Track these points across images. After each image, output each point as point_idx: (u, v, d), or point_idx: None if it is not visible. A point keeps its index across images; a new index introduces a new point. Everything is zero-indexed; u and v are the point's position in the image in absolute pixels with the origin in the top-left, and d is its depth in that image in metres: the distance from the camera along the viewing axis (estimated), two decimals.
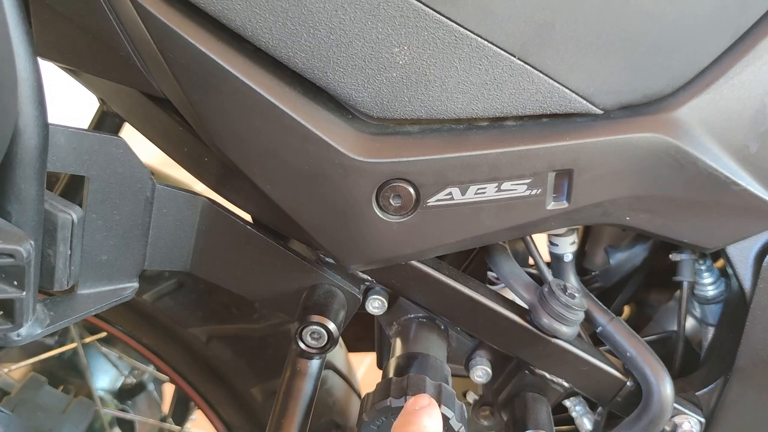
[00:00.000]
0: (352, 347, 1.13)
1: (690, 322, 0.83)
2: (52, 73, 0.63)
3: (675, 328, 0.87)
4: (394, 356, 0.67)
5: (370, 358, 1.68)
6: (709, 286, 0.75)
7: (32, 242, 0.50)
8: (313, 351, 0.63)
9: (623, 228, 0.74)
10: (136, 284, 0.63)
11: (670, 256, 0.75)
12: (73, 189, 0.72)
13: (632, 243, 0.82)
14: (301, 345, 0.63)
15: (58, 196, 0.56)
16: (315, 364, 0.65)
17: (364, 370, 1.67)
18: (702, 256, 0.74)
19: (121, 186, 0.58)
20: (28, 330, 0.56)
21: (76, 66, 0.66)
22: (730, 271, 0.71)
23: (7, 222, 0.50)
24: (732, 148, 0.63)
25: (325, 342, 0.63)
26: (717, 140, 0.63)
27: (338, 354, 1.04)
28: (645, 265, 0.82)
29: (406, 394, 0.59)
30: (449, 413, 0.59)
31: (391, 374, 0.64)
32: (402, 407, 0.58)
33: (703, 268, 0.75)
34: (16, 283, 0.51)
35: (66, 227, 0.55)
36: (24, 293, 0.51)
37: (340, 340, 1.07)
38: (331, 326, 0.62)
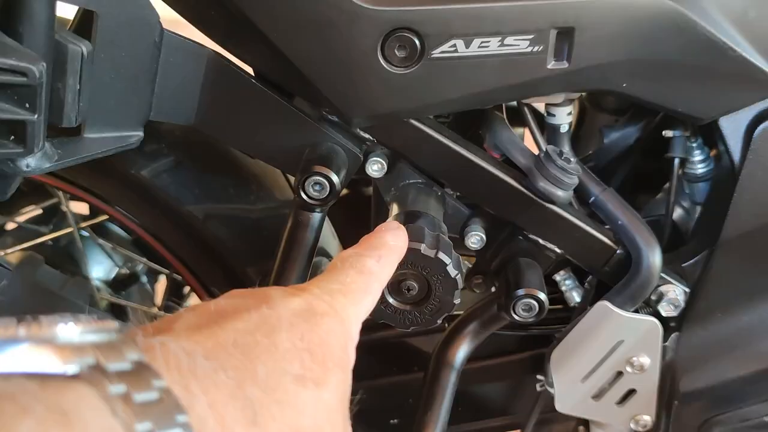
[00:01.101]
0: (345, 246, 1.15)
1: (677, 210, 0.86)
2: None
3: (663, 212, 0.89)
4: (392, 215, 0.69)
5: None
6: (699, 163, 0.77)
7: (44, 64, 0.50)
8: (315, 202, 0.65)
9: (618, 96, 0.75)
10: (141, 133, 0.64)
11: (663, 132, 0.76)
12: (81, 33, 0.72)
13: (626, 123, 0.83)
14: (304, 196, 0.64)
15: (68, 30, 0.56)
16: (316, 216, 0.67)
17: None
18: (693, 133, 0.76)
19: (130, 26, 0.58)
20: (38, 162, 0.57)
21: None
22: (720, 146, 0.73)
23: (18, 44, 0.51)
24: (731, 13, 0.64)
25: (327, 193, 0.64)
26: (717, 5, 0.64)
27: (331, 244, 1.05)
28: (637, 145, 0.83)
29: None
30: (446, 259, 0.61)
31: None
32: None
33: (694, 145, 0.77)
34: (27, 105, 0.51)
35: (75, 59, 0.55)
36: (35, 116, 0.52)
37: (334, 231, 1.09)
38: (334, 177, 0.64)
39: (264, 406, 0.35)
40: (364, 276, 0.49)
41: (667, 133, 0.76)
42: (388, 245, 0.54)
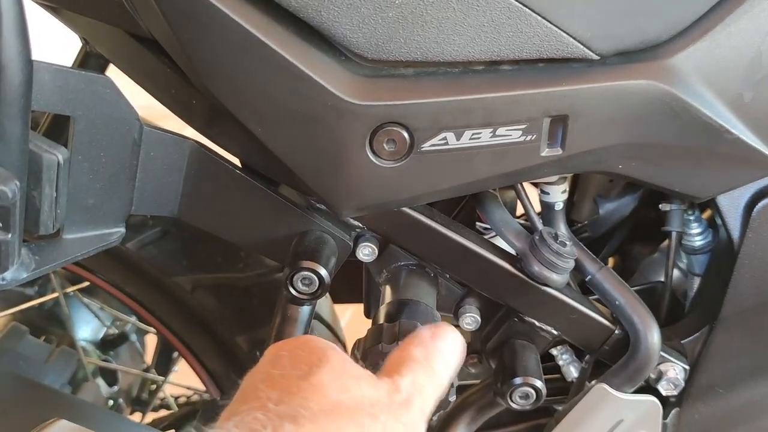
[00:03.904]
0: (335, 298, 1.13)
1: (675, 274, 0.84)
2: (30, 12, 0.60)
3: (660, 279, 0.88)
4: (384, 303, 0.67)
5: (351, 310, 1.69)
6: (696, 236, 0.76)
7: (17, 182, 0.48)
8: (304, 297, 0.63)
9: (613, 177, 0.74)
10: (122, 229, 0.62)
11: (660, 206, 0.75)
12: (56, 131, 0.70)
13: (621, 193, 0.82)
14: (292, 291, 0.63)
15: (43, 137, 0.54)
16: (305, 310, 0.65)
17: (344, 323, 1.68)
18: (691, 206, 0.75)
19: (108, 127, 0.56)
20: (13, 274, 0.54)
21: (58, 3, 0.64)
22: (718, 221, 0.71)
23: None
24: (726, 96, 0.63)
25: (316, 288, 0.62)
26: (712, 88, 0.62)
27: (323, 303, 1.03)
28: (633, 215, 0.82)
29: (398, 340, 0.59)
30: None
31: (381, 321, 0.64)
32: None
33: (691, 218, 0.75)
34: (1, 225, 0.49)
35: (51, 168, 0.53)
36: (9, 236, 0.50)
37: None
38: (323, 272, 0.62)
39: None
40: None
41: (664, 207, 0.74)
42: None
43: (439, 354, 0.51)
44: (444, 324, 0.55)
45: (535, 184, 0.77)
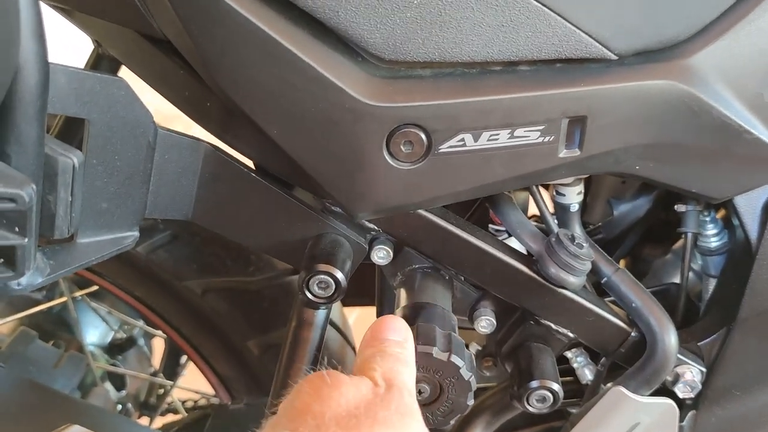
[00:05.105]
0: (342, 301, 1.12)
1: (690, 275, 0.83)
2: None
3: (672, 281, 0.87)
4: (400, 306, 0.66)
5: (358, 312, 1.68)
6: (712, 237, 0.75)
7: (34, 186, 0.48)
8: (320, 301, 0.62)
9: (630, 179, 0.73)
10: (136, 233, 0.61)
11: (675, 207, 0.74)
12: (68, 133, 0.69)
13: (636, 194, 0.81)
14: (308, 295, 0.62)
15: (58, 140, 0.54)
16: (321, 314, 0.64)
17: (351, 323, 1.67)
18: (706, 207, 0.74)
19: (123, 130, 0.56)
20: (29, 279, 0.54)
21: (70, 4, 0.63)
22: (736, 222, 0.71)
23: (7, 165, 0.48)
24: (746, 96, 0.62)
25: (332, 292, 0.62)
26: (731, 88, 0.62)
27: (333, 306, 1.03)
28: (647, 217, 0.81)
29: (417, 344, 0.58)
30: (459, 362, 0.59)
31: None
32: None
33: (707, 219, 0.75)
34: (17, 229, 0.49)
35: (67, 172, 0.52)
36: (26, 240, 0.49)
37: None
38: (339, 275, 0.61)
39: None
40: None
41: (680, 208, 0.74)
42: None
43: (386, 341, 0.54)
44: (379, 319, 0.57)
45: (548, 187, 0.76)
